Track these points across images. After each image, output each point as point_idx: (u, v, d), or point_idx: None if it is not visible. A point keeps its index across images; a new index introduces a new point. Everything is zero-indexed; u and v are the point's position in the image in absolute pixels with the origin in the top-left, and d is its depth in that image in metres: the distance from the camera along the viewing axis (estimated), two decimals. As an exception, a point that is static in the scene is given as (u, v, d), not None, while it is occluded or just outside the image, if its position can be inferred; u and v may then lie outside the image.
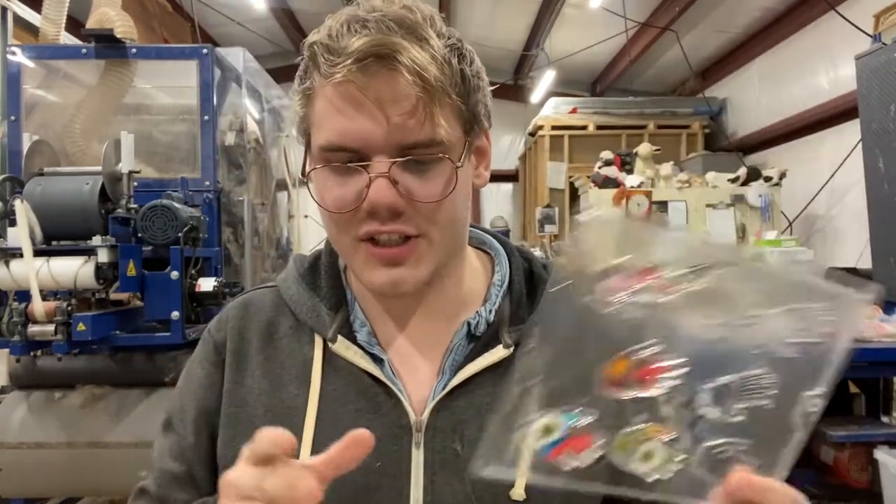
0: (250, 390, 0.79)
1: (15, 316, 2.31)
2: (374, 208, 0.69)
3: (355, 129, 0.68)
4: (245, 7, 6.50)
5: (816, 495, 2.93)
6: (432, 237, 0.73)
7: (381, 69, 0.66)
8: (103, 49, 3.04)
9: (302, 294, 0.83)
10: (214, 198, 3.07)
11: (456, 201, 0.74)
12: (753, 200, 5.64)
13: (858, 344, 2.66)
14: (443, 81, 0.69)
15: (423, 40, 0.69)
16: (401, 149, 0.69)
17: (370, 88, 0.67)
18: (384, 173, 0.68)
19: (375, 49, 0.66)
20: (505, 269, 0.85)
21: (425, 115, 0.68)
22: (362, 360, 0.77)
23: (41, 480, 2.56)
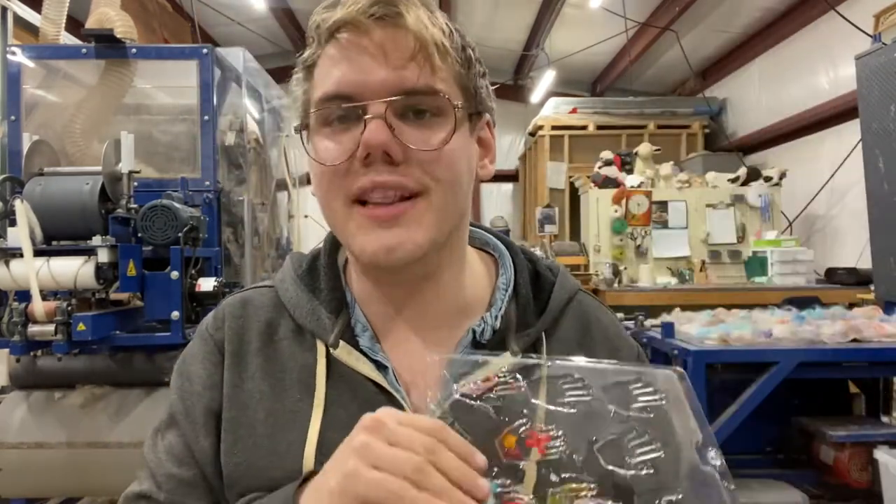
0: (251, 394, 0.75)
1: (15, 316, 2.31)
2: (370, 152, 0.66)
3: (352, 73, 0.67)
4: (245, 7, 6.51)
5: (816, 495, 2.93)
6: (432, 196, 0.69)
7: (383, 16, 0.67)
8: (103, 49, 3.04)
9: (301, 297, 0.79)
10: (214, 198, 3.07)
11: (457, 161, 0.71)
12: (753, 200, 5.64)
13: (858, 344, 2.67)
14: (444, 41, 0.69)
15: (428, 9, 0.69)
16: (398, 93, 0.67)
17: (371, 35, 0.67)
18: (380, 114, 0.67)
19: (379, 2, 0.67)
20: (510, 272, 0.82)
21: (425, 61, 0.67)
22: (365, 366, 0.74)
23: (41, 480, 2.56)
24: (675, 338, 2.87)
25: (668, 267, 5.64)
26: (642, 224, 5.65)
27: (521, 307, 0.79)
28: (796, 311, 3.01)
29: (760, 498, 2.73)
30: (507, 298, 0.79)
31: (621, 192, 5.64)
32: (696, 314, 3.26)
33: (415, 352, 0.76)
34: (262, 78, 4.29)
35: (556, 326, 0.80)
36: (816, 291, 4.38)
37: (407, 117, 0.68)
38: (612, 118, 7.35)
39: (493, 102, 0.78)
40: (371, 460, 0.56)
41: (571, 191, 6.99)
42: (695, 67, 7.35)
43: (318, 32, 0.71)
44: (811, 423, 2.92)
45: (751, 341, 2.70)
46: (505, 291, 0.80)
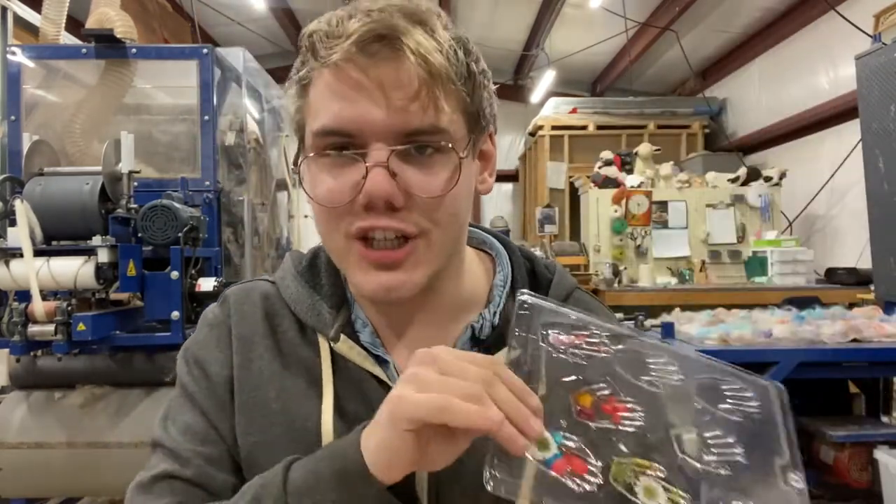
0: (260, 373, 0.75)
1: (15, 316, 2.31)
2: (371, 201, 0.65)
3: (353, 113, 0.64)
4: (245, 7, 6.51)
5: (816, 495, 2.93)
6: (432, 238, 0.69)
7: (382, 49, 0.63)
8: (103, 49, 3.04)
9: (301, 293, 0.79)
10: (214, 198, 3.07)
11: (459, 199, 0.69)
12: (753, 200, 5.65)
13: (858, 344, 2.67)
14: (448, 69, 0.65)
15: (429, 28, 0.66)
16: (401, 136, 0.65)
17: (371, 70, 0.63)
18: (382, 162, 0.64)
19: (376, 29, 0.63)
20: (507, 269, 0.82)
21: (429, 100, 0.64)
22: (366, 361, 0.74)
23: (41, 480, 2.56)
24: (675, 338, 2.86)
25: (668, 267, 5.64)
26: (642, 224, 5.65)
27: (518, 304, 0.79)
28: (796, 311, 3.00)
29: (760, 498, 2.73)
30: (505, 295, 0.79)
31: (621, 192, 5.64)
32: (696, 314, 3.26)
33: (416, 348, 0.75)
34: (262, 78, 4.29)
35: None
36: (816, 291, 4.38)
37: (409, 157, 0.66)
38: (612, 118, 7.35)
39: (495, 109, 0.76)
40: (419, 386, 0.56)
41: (571, 191, 6.99)
42: (695, 67, 7.35)
43: (310, 46, 0.67)
44: (811, 423, 2.92)
45: (751, 341, 2.70)
46: (503, 288, 0.80)
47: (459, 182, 0.68)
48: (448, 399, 0.54)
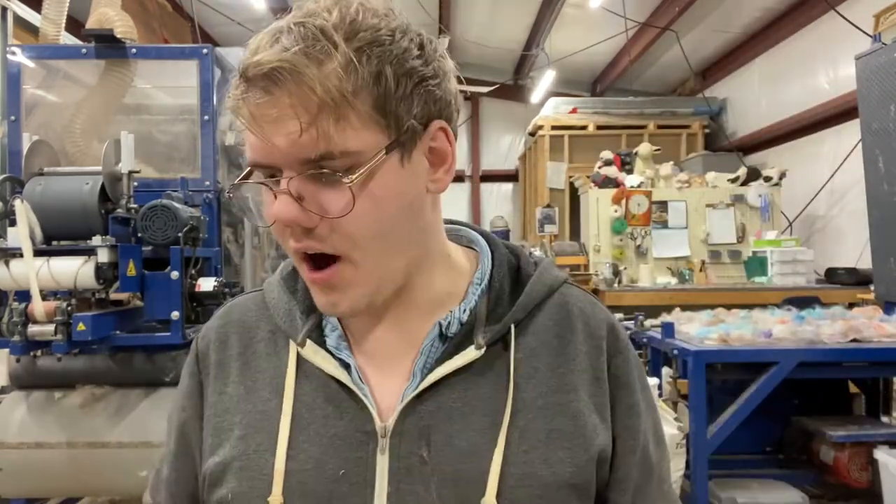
0: (231, 398, 0.79)
1: (15, 316, 2.31)
2: (279, 224, 0.68)
3: (259, 143, 0.67)
4: (245, 7, 6.50)
5: (816, 495, 2.93)
6: (354, 259, 0.69)
7: (268, 87, 0.64)
8: (103, 49, 3.04)
9: (281, 298, 0.82)
10: (214, 198, 3.07)
11: (381, 213, 0.68)
12: (753, 200, 5.65)
13: (858, 344, 2.67)
14: (337, 93, 0.64)
15: (324, 51, 0.64)
16: (302, 164, 0.66)
17: (261, 109, 0.65)
18: (284, 190, 0.67)
19: (261, 70, 0.64)
20: (486, 267, 0.81)
21: (317, 131, 0.64)
22: (329, 364, 0.75)
23: (41, 480, 2.56)
24: (675, 338, 2.87)
25: (668, 267, 5.64)
26: (642, 224, 5.65)
27: (492, 300, 0.78)
28: (796, 311, 3.01)
29: (760, 498, 2.74)
30: (480, 292, 0.79)
31: (621, 192, 5.64)
32: (696, 314, 3.27)
33: (384, 349, 0.77)
34: (262, 78, 4.28)
35: (532, 319, 0.79)
36: (816, 291, 4.38)
37: (316, 180, 0.67)
38: (612, 118, 7.36)
39: (453, 101, 0.73)
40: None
41: (571, 191, 6.99)
42: (695, 67, 7.36)
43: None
44: (811, 423, 2.92)
45: (751, 341, 2.70)
46: (478, 286, 0.79)
47: (378, 191, 0.67)
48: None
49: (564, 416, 0.74)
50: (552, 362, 0.77)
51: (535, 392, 0.75)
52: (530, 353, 0.77)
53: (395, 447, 0.72)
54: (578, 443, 0.74)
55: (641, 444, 0.80)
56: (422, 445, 0.72)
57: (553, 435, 0.73)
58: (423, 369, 0.75)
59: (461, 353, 0.74)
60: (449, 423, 0.72)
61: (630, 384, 0.80)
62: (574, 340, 0.79)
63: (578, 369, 0.77)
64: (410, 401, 0.73)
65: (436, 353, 0.75)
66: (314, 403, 0.75)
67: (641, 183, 5.74)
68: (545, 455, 0.72)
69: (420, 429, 0.72)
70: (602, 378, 0.78)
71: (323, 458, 0.72)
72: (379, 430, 0.72)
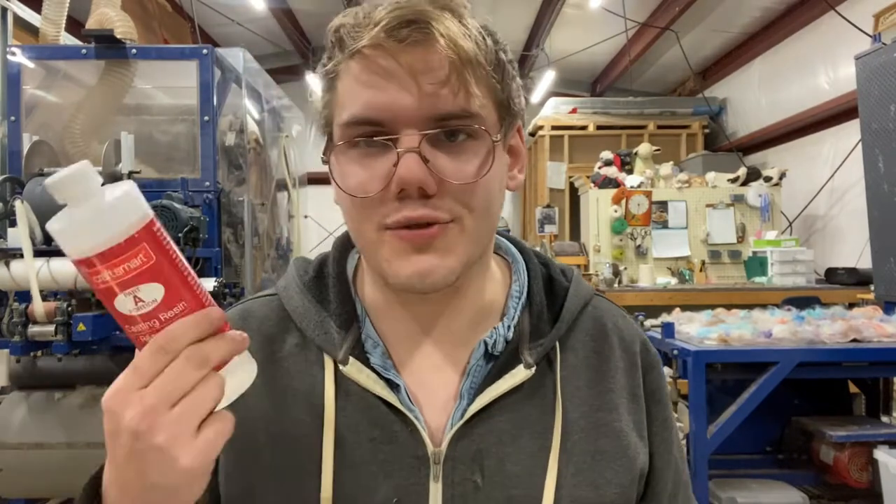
0: (254, 417, 0.70)
1: (15, 316, 2.31)
2: (404, 188, 0.63)
3: (382, 100, 0.63)
4: (245, 7, 6.50)
5: (816, 495, 2.93)
6: (465, 224, 0.66)
7: (411, 34, 0.62)
8: (103, 49, 3.04)
9: (308, 307, 0.75)
10: (214, 198, 3.07)
11: (492, 187, 0.67)
12: (753, 200, 5.64)
13: (858, 344, 2.67)
14: (477, 54, 0.64)
15: (457, 14, 0.64)
16: (431, 121, 0.63)
17: (399, 56, 0.62)
18: (414, 148, 0.62)
19: (405, 15, 0.61)
20: (523, 279, 0.78)
21: (459, 84, 0.63)
22: (376, 385, 0.70)
23: (41, 480, 2.56)
24: (675, 338, 2.87)
25: (668, 267, 5.64)
26: (642, 224, 5.65)
27: (534, 316, 0.75)
28: (796, 311, 3.00)
29: (760, 498, 2.73)
30: (521, 307, 0.76)
31: (621, 192, 5.64)
32: (696, 314, 3.26)
33: (429, 367, 0.73)
34: (262, 78, 4.29)
35: (570, 335, 0.76)
36: (816, 291, 4.38)
37: (440, 143, 0.64)
38: (612, 118, 7.35)
39: (523, 102, 0.73)
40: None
41: (571, 191, 6.99)
42: (695, 67, 7.35)
43: (338, 41, 0.66)
44: (811, 423, 2.92)
45: (751, 341, 2.70)
46: (518, 300, 0.76)
47: (492, 168, 0.66)
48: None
49: (608, 436, 0.73)
50: (592, 379, 0.75)
51: (578, 412, 0.73)
52: (572, 370, 0.75)
53: (449, 473, 0.68)
54: (622, 463, 0.72)
55: (675, 457, 0.79)
56: (475, 470, 0.69)
57: (598, 456, 0.71)
58: (470, 390, 0.71)
59: (510, 373, 0.71)
60: (500, 446, 0.69)
61: (663, 399, 0.80)
62: (612, 357, 0.77)
63: (618, 387, 0.75)
64: (461, 426, 0.69)
65: (482, 373, 0.72)
66: (358, 426, 0.69)
67: (641, 183, 5.73)
68: (592, 477, 0.70)
69: (472, 453, 0.69)
70: (638, 395, 0.77)
71: (373, 485, 0.68)
72: (431, 455, 0.69)
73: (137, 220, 0.52)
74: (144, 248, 0.52)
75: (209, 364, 0.53)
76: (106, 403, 0.54)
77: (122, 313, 0.53)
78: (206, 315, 0.54)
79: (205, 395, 0.53)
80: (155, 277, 0.52)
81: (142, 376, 0.53)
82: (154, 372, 0.53)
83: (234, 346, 0.56)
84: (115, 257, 0.51)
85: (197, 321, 0.54)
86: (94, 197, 0.51)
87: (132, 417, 0.52)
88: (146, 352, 0.53)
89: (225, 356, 0.55)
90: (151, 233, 0.52)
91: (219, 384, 0.54)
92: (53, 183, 0.51)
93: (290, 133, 5.03)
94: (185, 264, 0.55)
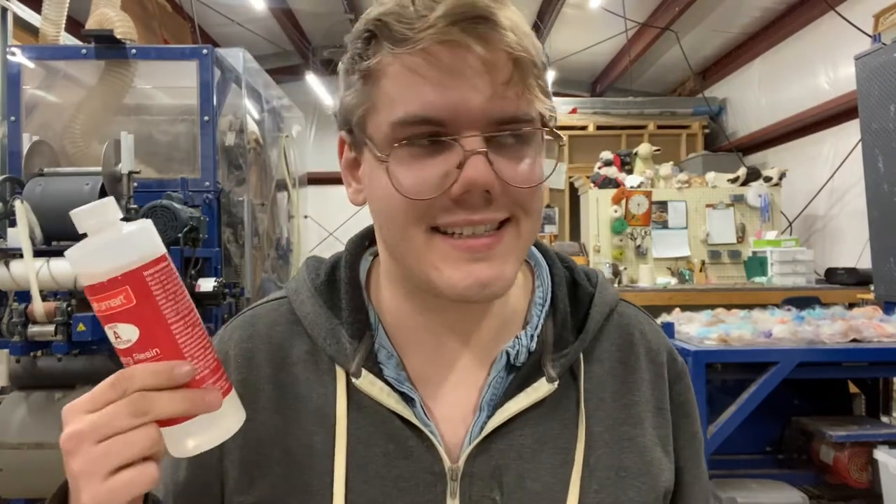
0: (264, 428, 0.68)
1: (15, 316, 2.31)
2: (470, 190, 0.59)
3: (448, 99, 0.59)
4: (245, 7, 6.50)
5: (816, 495, 2.93)
6: (521, 228, 0.64)
7: (477, 28, 0.58)
8: (103, 49, 3.04)
9: (319, 314, 0.71)
10: (214, 198, 3.07)
11: (543, 189, 0.65)
12: (753, 200, 5.64)
13: (858, 344, 2.67)
14: (536, 53, 0.62)
15: (512, 9, 0.62)
16: (495, 123, 0.60)
17: (469, 52, 0.58)
18: (482, 150, 0.59)
19: (469, 10, 0.57)
20: (547, 285, 0.74)
21: (522, 85, 0.60)
22: (390, 398, 0.67)
23: (41, 480, 2.56)
24: (675, 338, 2.87)
25: (668, 267, 5.64)
26: (642, 224, 5.65)
27: (558, 324, 0.71)
28: (796, 311, 3.00)
29: (760, 498, 2.73)
30: (544, 315, 0.72)
31: (621, 193, 5.64)
32: (696, 314, 3.26)
33: (447, 378, 0.70)
34: (261, 78, 4.29)
35: (596, 344, 0.73)
36: (816, 291, 4.38)
37: (500, 145, 0.61)
38: (612, 118, 7.35)
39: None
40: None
41: (571, 191, 6.99)
42: (695, 67, 7.35)
43: (381, 31, 0.61)
44: (811, 423, 2.92)
45: (751, 341, 2.70)
46: (541, 307, 0.73)
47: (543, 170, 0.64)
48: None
49: (632, 451, 0.70)
50: (617, 391, 0.72)
51: (602, 425, 0.70)
52: (597, 382, 0.71)
53: (466, 490, 0.66)
54: (646, 480, 0.69)
55: (703, 471, 0.77)
56: (493, 488, 0.66)
57: (622, 473, 0.69)
58: (490, 403, 0.68)
59: (532, 387, 0.68)
60: (520, 462, 0.67)
61: (692, 413, 0.77)
62: (638, 368, 0.74)
63: (643, 400, 0.72)
64: (480, 441, 0.67)
65: (503, 385, 0.69)
66: (371, 440, 0.67)
67: (641, 183, 5.73)
68: (615, 495, 0.68)
69: (491, 470, 0.66)
70: (664, 408, 0.74)
71: (387, 501, 0.65)
72: (449, 472, 0.66)
73: (124, 264, 0.53)
74: (126, 291, 0.53)
75: (148, 415, 0.53)
76: (63, 411, 0.55)
77: (110, 340, 0.56)
78: (168, 368, 0.54)
79: (130, 442, 0.53)
80: (132, 320, 0.54)
81: (93, 402, 0.54)
82: (103, 402, 0.54)
83: (192, 404, 0.55)
84: (99, 293, 0.53)
85: (156, 370, 0.54)
86: (104, 231, 0.54)
87: (65, 434, 0.54)
88: (105, 382, 0.54)
89: (171, 412, 0.54)
90: (139, 277, 0.54)
91: (149, 437, 0.53)
92: (75, 213, 0.55)
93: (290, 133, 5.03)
94: (179, 315, 0.56)
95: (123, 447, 0.53)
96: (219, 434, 0.57)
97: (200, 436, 0.56)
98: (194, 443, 0.56)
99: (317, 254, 0.82)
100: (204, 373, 0.56)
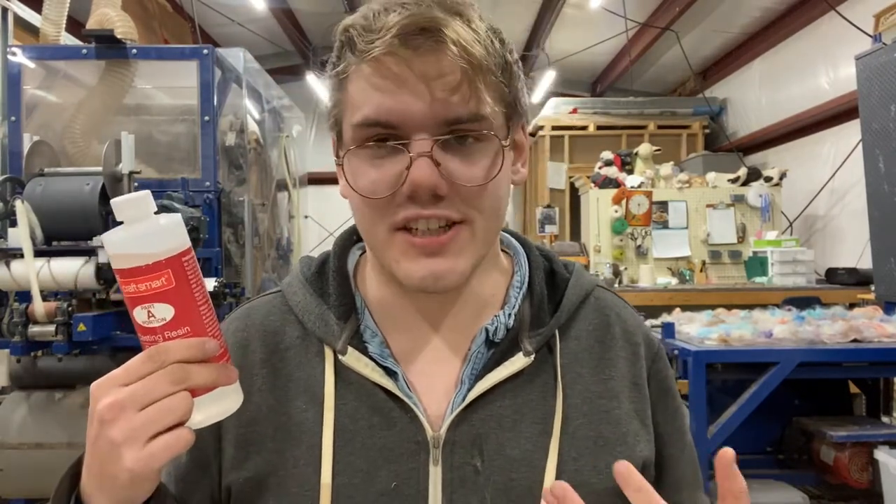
0: (258, 407, 0.73)
1: (15, 316, 2.32)
2: (415, 191, 0.65)
3: (395, 105, 0.64)
4: (245, 7, 6.51)
5: (816, 495, 2.93)
6: (475, 226, 0.68)
7: (424, 42, 0.63)
8: (103, 49, 3.04)
9: (309, 301, 0.77)
10: (215, 198, 3.07)
11: (500, 188, 0.70)
12: (753, 200, 5.64)
13: (858, 344, 2.67)
14: (487, 59, 0.66)
15: (466, 19, 0.66)
16: (443, 125, 0.65)
17: (412, 63, 0.63)
18: (426, 152, 0.64)
19: (417, 22, 0.63)
20: (524, 270, 0.80)
21: (470, 90, 0.65)
22: (374, 373, 0.72)
23: (41, 480, 2.56)
24: (675, 338, 2.87)
25: (668, 267, 5.64)
26: (642, 224, 5.65)
27: (535, 305, 0.77)
28: (796, 312, 3.00)
29: (760, 498, 2.74)
30: (521, 296, 0.77)
31: (621, 193, 5.64)
32: (696, 314, 3.26)
33: (430, 356, 0.75)
34: (262, 78, 4.29)
35: (572, 324, 0.78)
36: (816, 291, 4.38)
37: (450, 146, 0.66)
38: (612, 118, 7.35)
39: (528, 99, 0.75)
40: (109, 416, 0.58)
41: (571, 191, 6.99)
42: (695, 67, 7.36)
43: (348, 42, 0.67)
44: (811, 423, 2.92)
45: (751, 341, 2.70)
46: (519, 289, 0.78)
47: (501, 170, 0.68)
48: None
49: (609, 423, 0.74)
50: (594, 367, 0.76)
51: (580, 398, 0.74)
52: (573, 358, 0.76)
53: (448, 457, 0.70)
54: (623, 450, 0.73)
55: (688, 443, 0.82)
56: (474, 455, 0.70)
57: (600, 442, 0.73)
58: (471, 376, 0.73)
59: (510, 360, 0.72)
60: (500, 431, 0.71)
61: (671, 388, 0.81)
62: (614, 346, 0.78)
63: (618, 375, 0.77)
64: (460, 410, 0.71)
65: (483, 360, 0.73)
66: (357, 413, 0.71)
67: (642, 183, 5.73)
68: (594, 462, 0.72)
69: (472, 438, 0.71)
70: (641, 384, 0.78)
71: (372, 470, 0.69)
72: (431, 440, 0.70)
73: (167, 249, 0.59)
74: (168, 273, 0.59)
75: (185, 383, 0.58)
76: (92, 388, 0.61)
77: (138, 322, 0.60)
78: (201, 342, 0.60)
79: (170, 409, 0.58)
80: (169, 300, 0.59)
81: (128, 375, 0.59)
82: (138, 375, 0.58)
83: (218, 376, 0.61)
84: (142, 275, 0.59)
85: (190, 345, 0.59)
86: (143, 221, 0.60)
87: (103, 405, 0.58)
88: (140, 356, 0.59)
89: (205, 382, 0.60)
90: (178, 262, 0.60)
91: (187, 404, 0.59)
92: (116, 203, 0.60)
93: (290, 133, 5.04)
94: (204, 298, 0.62)
95: (165, 413, 0.58)
96: (223, 409, 0.62)
97: (206, 410, 0.61)
98: (201, 417, 0.61)
99: (317, 254, 0.87)
100: (220, 350, 0.62)
